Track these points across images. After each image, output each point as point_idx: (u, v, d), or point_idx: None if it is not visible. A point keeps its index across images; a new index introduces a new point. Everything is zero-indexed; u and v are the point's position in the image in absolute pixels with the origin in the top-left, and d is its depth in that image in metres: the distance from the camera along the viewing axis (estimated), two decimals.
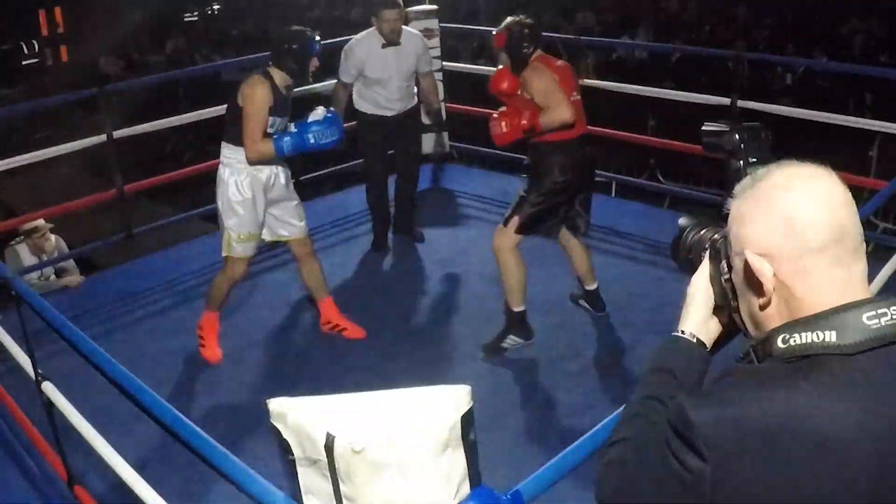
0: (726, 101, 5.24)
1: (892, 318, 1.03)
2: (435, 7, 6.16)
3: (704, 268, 1.34)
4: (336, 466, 1.38)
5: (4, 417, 3.54)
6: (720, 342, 1.38)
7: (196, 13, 17.89)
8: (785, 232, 1.05)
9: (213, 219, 6.64)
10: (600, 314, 4.32)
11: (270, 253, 5.27)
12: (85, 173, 8.81)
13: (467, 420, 1.42)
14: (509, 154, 6.38)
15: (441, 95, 5.39)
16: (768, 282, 1.07)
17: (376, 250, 5.31)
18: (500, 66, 3.98)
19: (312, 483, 1.45)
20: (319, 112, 3.78)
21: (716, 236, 1.34)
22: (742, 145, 1.45)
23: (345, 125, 4.18)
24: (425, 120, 5.64)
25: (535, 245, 5.24)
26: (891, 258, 3.36)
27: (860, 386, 1.00)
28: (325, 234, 5.58)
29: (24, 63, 16.09)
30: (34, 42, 16.49)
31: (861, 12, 10.68)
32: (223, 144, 3.93)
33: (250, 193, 3.89)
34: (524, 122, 3.77)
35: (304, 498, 1.48)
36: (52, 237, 5.49)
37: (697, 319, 1.33)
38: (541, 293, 4.71)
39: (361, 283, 4.88)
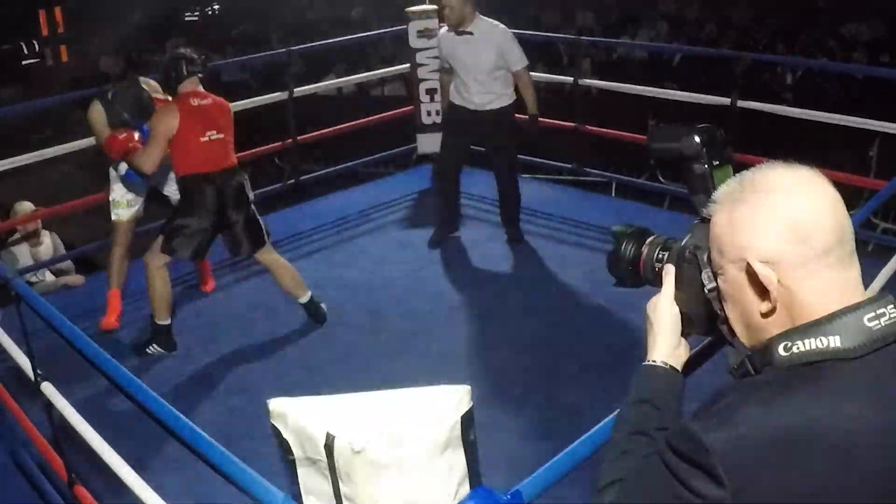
0: (726, 101, 5.24)
1: (890, 318, 1.03)
2: (435, 7, 6.16)
3: (667, 289, 1.30)
4: (336, 466, 1.38)
5: (4, 417, 3.53)
6: (687, 366, 1.35)
7: (196, 13, 17.88)
8: (790, 238, 1.03)
9: None
10: (321, 325, 4.40)
11: None
12: (85, 173, 8.80)
13: (467, 420, 1.42)
14: None
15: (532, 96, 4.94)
16: (775, 289, 1.05)
17: (430, 246, 5.24)
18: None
19: (312, 483, 1.45)
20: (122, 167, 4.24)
21: (681, 246, 1.28)
22: (704, 149, 1.37)
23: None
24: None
25: (534, 246, 5.25)
26: (891, 258, 3.36)
27: (868, 388, 1.00)
28: (325, 233, 5.58)
29: (24, 63, 16.08)
30: (34, 42, 16.48)
31: (861, 13, 10.68)
32: None
33: None
34: (124, 146, 4.09)
35: (304, 498, 1.48)
36: (47, 234, 5.48)
37: (668, 346, 1.30)
38: (540, 293, 4.71)
39: (361, 283, 4.88)
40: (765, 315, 1.07)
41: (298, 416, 1.44)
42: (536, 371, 3.98)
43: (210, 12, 17.99)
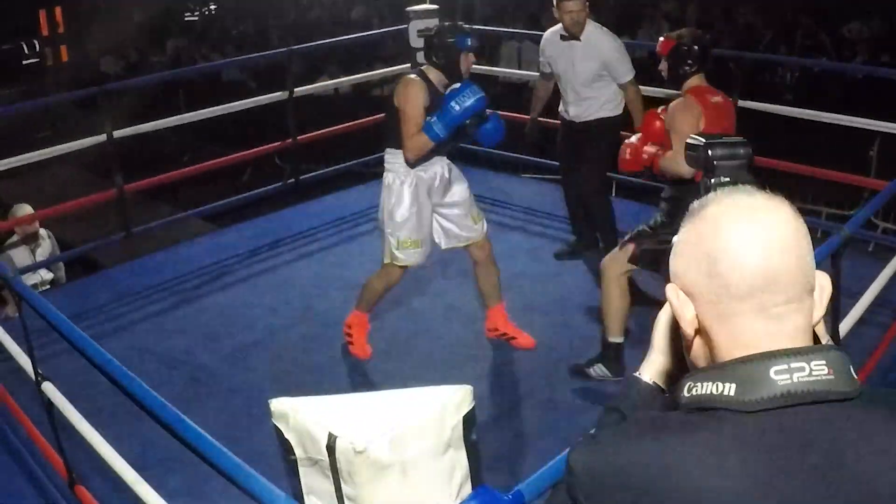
0: None
1: (809, 375, 0.91)
2: (435, 7, 6.16)
3: (666, 306, 1.21)
4: (338, 466, 1.38)
5: (4, 417, 3.53)
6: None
7: (196, 13, 17.87)
8: (707, 272, 0.96)
9: (214, 219, 6.69)
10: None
11: (270, 253, 5.27)
12: (85, 173, 8.81)
13: (469, 420, 1.42)
14: (510, 154, 6.39)
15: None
16: (686, 323, 1.00)
17: (556, 256, 5.03)
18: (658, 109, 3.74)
19: (314, 483, 1.45)
20: (455, 84, 3.63)
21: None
22: (714, 162, 1.34)
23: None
24: None
25: (533, 246, 5.25)
26: (891, 258, 3.36)
27: (749, 449, 0.90)
28: (325, 233, 5.57)
29: (24, 63, 16.07)
30: (34, 42, 16.46)
31: (862, 13, 10.67)
32: (386, 150, 3.79)
33: (412, 198, 3.75)
34: (645, 155, 3.61)
35: (305, 498, 1.48)
36: (46, 235, 5.49)
37: (657, 363, 1.23)
38: (540, 293, 4.71)
39: (361, 283, 4.87)
40: (687, 349, 1.04)
41: (300, 416, 1.44)
42: (536, 371, 3.98)
43: (209, 12, 17.97)
